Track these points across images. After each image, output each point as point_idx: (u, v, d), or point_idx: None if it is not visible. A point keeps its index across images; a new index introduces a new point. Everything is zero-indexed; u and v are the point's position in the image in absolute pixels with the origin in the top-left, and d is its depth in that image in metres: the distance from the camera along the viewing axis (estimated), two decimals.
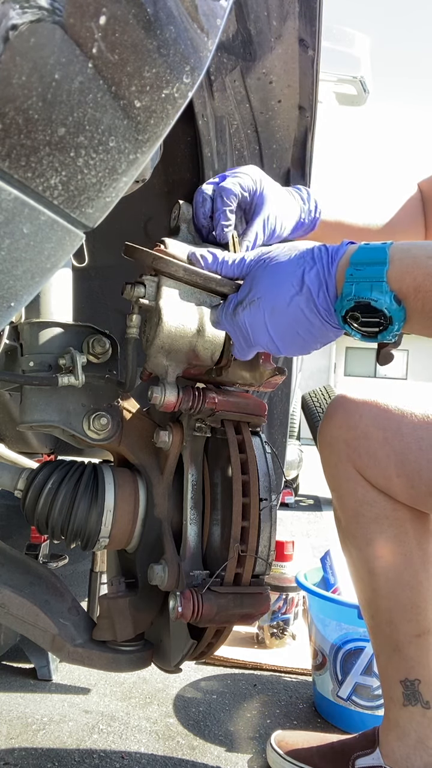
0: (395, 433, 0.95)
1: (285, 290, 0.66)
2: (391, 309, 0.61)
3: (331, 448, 1.01)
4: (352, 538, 1.02)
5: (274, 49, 1.06)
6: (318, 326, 0.66)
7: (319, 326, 0.66)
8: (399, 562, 0.98)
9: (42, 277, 0.48)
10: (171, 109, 0.48)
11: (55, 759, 1.09)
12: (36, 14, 0.38)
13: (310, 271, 0.65)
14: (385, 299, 0.61)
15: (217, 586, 0.75)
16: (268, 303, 0.67)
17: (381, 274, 0.61)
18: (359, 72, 3.70)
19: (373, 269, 0.62)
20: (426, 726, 0.99)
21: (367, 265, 0.62)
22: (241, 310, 0.70)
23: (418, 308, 0.61)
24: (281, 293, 0.66)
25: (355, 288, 0.62)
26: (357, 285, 0.62)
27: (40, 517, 0.81)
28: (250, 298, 0.69)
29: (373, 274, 0.62)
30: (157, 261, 0.72)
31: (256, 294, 0.68)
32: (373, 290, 0.61)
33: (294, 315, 0.66)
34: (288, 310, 0.66)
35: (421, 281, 0.60)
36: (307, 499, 4.76)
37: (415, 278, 0.60)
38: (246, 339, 0.71)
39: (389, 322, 0.62)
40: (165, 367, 0.78)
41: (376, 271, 0.62)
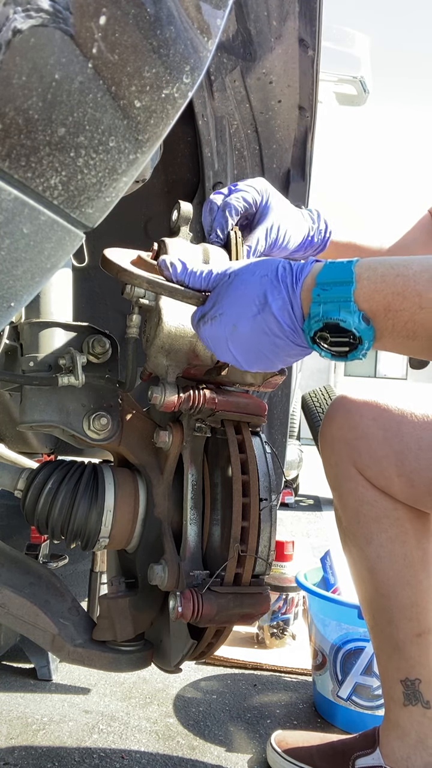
0: (395, 433, 0.95)
1: (247, 309, 0.65)
2: (359, 329, 0.60)
3: (331, 448, 1.01)
4: (353, 537, 1.02)
5: (274, 49, 1.06)
6: (283, 346, 0.65)
7: (284, 346, 0.65)
8: (399, 561, 0.98)
9: (42, 277, 0.48)
10: (171, 109, 0.48)
11: (55, 759, 1.09)
12: (39, 19, 0.38)
13: (272, 290, 0.64)
14: (353, 319, 0.60)
15: (217, 586, 0.75)
16: (230, 320, 0.66)
17: (348, 294, 0.60)
18: (359, 72, 3.70)
19: (340, 289, 0.61)
20: (426, 726, 0.99)
21: (334, 284, 0.61)
22: (202, 324, 0.69)
23: (389, 327, 0.61)
24: (243, 312, 0.65)
25: (322, 309, 0.61)
26: (324, 306, 0.61)
27: (40, 517, 0.81)
28: (212, 313, 0.67)
29: (340, 294, 0.60)
30: (121, 273, 0.71)
31: (218, 310, 0.67)
32: (341, 311, 0.60)
33: (256, 334, 0.65)
34: (250, 329, 0.65)
35: (391, 300, 0.59)
36: (307, 499, 4.76)
37: (384, 297, 0.59)
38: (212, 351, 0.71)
39: (358, 341, 0.61)
40: (165, 367, 0.78)
41: (344, 290, 0.60)
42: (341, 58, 3.60)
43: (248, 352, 0.67)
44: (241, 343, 0.66)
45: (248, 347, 0.66)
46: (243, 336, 0.65)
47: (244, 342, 0.66)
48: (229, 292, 0.67)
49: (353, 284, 0.60)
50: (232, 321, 0.66)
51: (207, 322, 0.68)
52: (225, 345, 0.67)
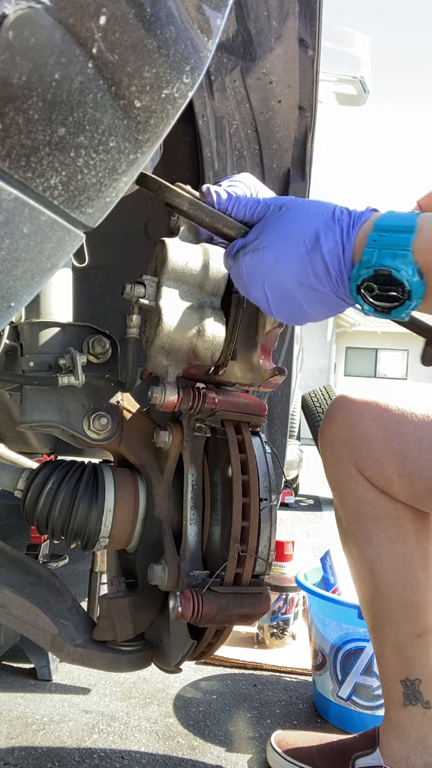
0: (395, 433, 0.95)
1: (295, 245, 0.60)
2: (412, 282, 0.56)
3: (331, 448, 1.01)
4: (353, 537, 1.02)
5: (274, 49, 1.06)
6: (322, 293, 0.61)
7: (324, 293, 0.61)
8: (399, 561, 0.98)
9: (42, 277, 0.48)
10: (171, 109, 0.48)
11: (55, 759, 1.09)
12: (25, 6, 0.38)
13: (327, 231, 0.60)
14: (407, 270, 0.56)
15: (217, 586, 0.75)
16: (273, 254, 0.61)
17: (407, 243, 0.57)
18: (359, 72, 3.70)
19: (399, 236, 0.57)
20: (426, 726, 0.99)
21: (393, 231, 0.58)
22: (242, 254, 0.64)
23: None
24: (290, 246, 0.61)
25: (377, 255, 0.57)
26: (379, 252, 0.57)
27: (40, 517, 0.81)
28: (255, 244, 0.63)
29: (398, 241, 0.57)
30: (162, 190, 0.66)
31: (263, 242, 0.62)
32: (397, 259, 0.56)
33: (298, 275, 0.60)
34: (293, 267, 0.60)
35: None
36: (307, 499, 4.76)
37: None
38: (242, 287, 0.67)
39: (407, 297, 0.57)
40: (165, 367, 0.78)
41: (403, 238, 0.57)
42: (341, 58, 3.60)
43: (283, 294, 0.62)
44: (279, 282, 0.62)
45: (285, 288, 0.62)
46: (284, 273, 0.61)
47: (283, 281, 0.62)
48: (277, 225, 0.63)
49: (414, 233, 0.57)
50: (275, 255, 0.62)
51: (248, 253, 0.64)
52: (261, 280, 0.63)
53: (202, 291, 0.79)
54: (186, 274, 0.78)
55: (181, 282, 0.78)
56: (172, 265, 0.77)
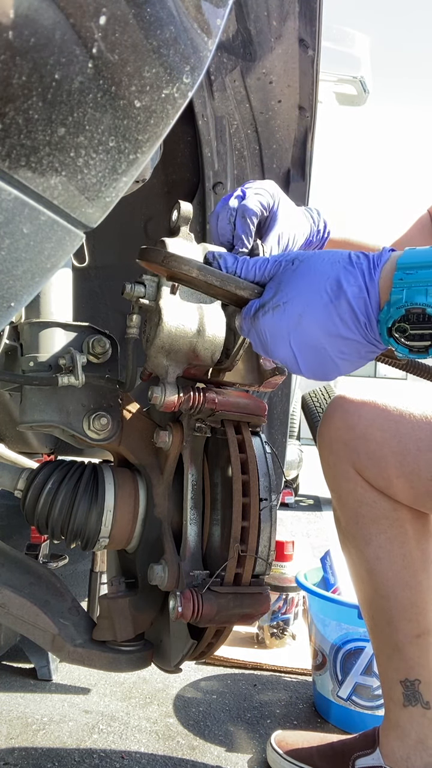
0: (394, 434, 0.95)
1: (317, 296, 0.58)
2: None
3: (330, 449, 1.01)
4: (352, 538, 1.02)
5: (274, 49, 1.06)
6: (352, 341, 0.59)
7: (353, 341, 0.59)
8: (398, 562, 0.98)
9: (42, 277, 0.48)
10: (171, 109, 0.48)
11: (55, 759, 1.09)
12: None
13: (347, 276, 0.58)
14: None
15: (217, 586, 0.75)
16: (296, 309, 0.59)
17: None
18: (359, 72, 3.70)
19: (427, 272, 0.55)
20: (426, 726, 0.99)
21: (419, 268, 0.56)
22: (262, 314, 0.62)
23: None
24: (313, 298, 0.58)
25: (406, 293, 0.55)
26: (408, 290, 0.55)
27: (40, 517, 0.81)
28: (275, 302, 0.61)
29: (427, 277, 0.55)
30: (168, 259, 0.65)
31: (282, 298, 0.60)
32: (429, 295, 0.54)
33: (325, 325, 0.58)
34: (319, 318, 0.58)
35: None
36: (307, 499, 4.76)
37: None
38: (264, 348, 0.64)
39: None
40: (165, 367, 0.78)
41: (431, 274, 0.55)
42: (341, 58, 3.60)
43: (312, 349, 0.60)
44: (306, 337, 0.59)
45: (313, 342, 0.59)
46: (310, 327, 0.59)
47: (310, 335, 0.59)
48: (294, 279, 0.61)
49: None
50: (298, 310, 0.59)
51: (268, 312, 0.61)
52: (286, 339, 0.60)
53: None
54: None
55: None
56: None
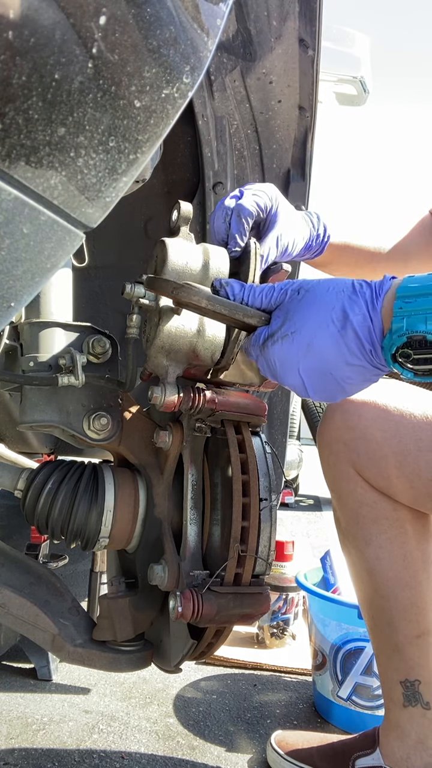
0: (394, 434, 0.95)
1: (324, 325, 0.61)
2: None
3: (330, 449, 1.01)
4: (352, 538, 1.02)
5: (274, 49, 1.06)
6: (358, 367, 0.61)
7: (360, 368, 0.61)
8: (398, 562, 0.98)
9: (42, 277, 0.48)
10: (171, 109, 0.48)
11: (55, 759, 1.09)
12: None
13: (352, 305, 0.60)
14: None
15: (217, 586, 0.75)
16: (304, 338, 0.61)
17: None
18: (359, 72, 3.70)
19: (425, 300, 0.58)
20: (426, 726, 0.99)
21: (417, 296, 0.58)
22: (271, 344, 0.64)
23: None
24: (320, 327, 0.61)
25: (407, 322, 0.57)
26: (408, 318, 0.57)
27: (40, 517, 0.81)
28: (283, 331, 0.63)
29: (426, 305, 0.57)
30: (177, 290, 0.66)
31: (290, 327, 0.62)
32: (428, 322, 0.57)
33: (333, 354, 0.61)
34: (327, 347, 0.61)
35: None
36: (307, 499, 4.76)
37: None
38: (273, 375, 0.67)
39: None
40: (165, 367, 0.78)
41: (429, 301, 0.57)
42: (341, 58, 3.61)
43: (319, 376, 0.62)
44: (315, 365, 0.62)
45: (321, 369, 0.62)
46: (318, 355, 0.61)
47: (319, 363, 0.62)
48: (301, 309, 0.63)
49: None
50: (306, 339, 0.61)
51: (276, 342, 0.64)
52: (295, 367, 0.63)
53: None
54: (186, 274, 0.78)
55: None
56: (172, 265, 0.77)
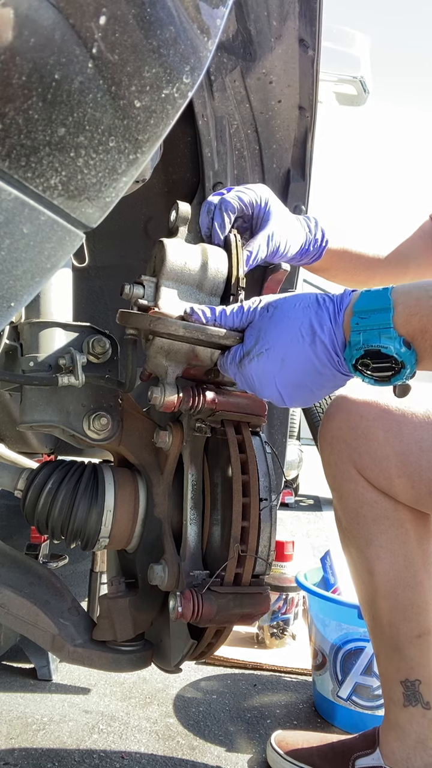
0: (396, 434, 0.95)
1: (295, 340, 0.65)
2: (401, 353, 0.61)
3: (331, 449, 1.01)
4: (353, 538, 1.02)
5: (274, 49, 1.06)
6: (328, 376, 0.66)
7: (329, 376, 0.66)
8: (399, 562, 0.98)
9: (42, 277, 0.48)
10: (171, 109, 0.48)
11: (55, 759, 1.09)
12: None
13: (318, 320, 0.65)
14: (394, 345, 0.60)
15: (217, 586, 0.75)
16: (279, 354, 0.65)
17: (388, 321, 0.61)
18: (359, 72, 3.70)
19: (379, 316, 0.61)
20: (426, 726, 0.99)
21: (372, 312, 0.62)
22: (248, 362, 0.68)
23: (427, 348, 0.61)
24: (292, 343, 0.65)
25: (363, 336, 0.61)
26: (365, 333, 0.61)
27: (40, 517, 0.81)
28: (258, 349, 0.67)
29: (379, 321, 0.61)
30: (154, 324, 0.70)
31: (264, 345, 0.66)
32: (382, 337, 0.61)
33: (305, 365, 0.65)
34: (300, 360, 0.65)
35: (426, 322, 0.60)
36: (307, 499, 4.76)
37: (420, 319, 0.60)
38: (251, 389, 0.70)
39: (401, 366, 0.61)
40: (165, 367, 0.78)
41: (382, 317, 0.61)
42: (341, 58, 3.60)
43: (294, 386, 0.66)
44: (289, 377, 0.66)
45: (295, 381, 0.66)
46: (292, 369, 0.65)
47: (293, 375, 0.65)
48: (272, 327, 0.66)
49: (391, 310, 0.61)
50: (280, 354, 0.65)
51: (253, 359, 0.67)
52: (272, 381, 0.66)
53: (201, 291, 0.79)
54: (185, 275, 0.78)
55: (180, 282, 0.78)
56: (170, 266, 0.77)
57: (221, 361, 0.73)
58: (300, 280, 1.52)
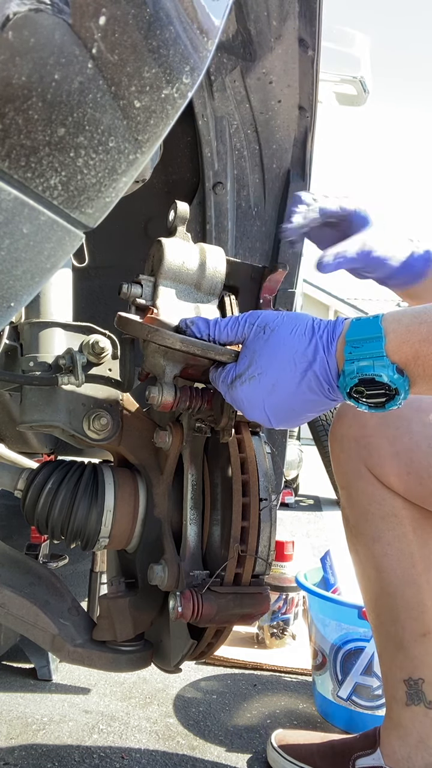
0: (405, 431, 0.95)
1: (288, 366, 0.65)
2: (394, 380, 0.61)
3: (341, 446, 1.01)
4: (360, 535, 1.02)
5: (274, 49, 1.06)
6: (316, 402, 0.66)
7: (318, 402, 0.66)
8: (406, 560, 0.98)
9: (42, 277, 0.48)
10: (171, 109, 0.48)
11: (55, 759, 1.09)
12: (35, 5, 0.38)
13: (312, 350, 0.65)
14: (387, 372, 0.61)
15: (217, 586, 0.75)
16: (269, 380, 0.65)
17: (380, 349, 0.61)
18: (359, 72, 3.70)
19: (371, 345, 0.62)
20: (428, 726, 0.99)
21: (363, 341, 0.62)
22: (239, 384, 0.68)
23: (420, 373, 0.62)
24: (284, 370, 0.65)
25: (356, 366, 0.62)
26: (358, 363, 0.62)
27: (40, 517, 0.81)
28: (250, 373, 0.67)
29: (371, 350, 0.62)
30: (152, 335, 0.70)
31: (256, 369, 0.66)
32: (375, 366, 0.61)
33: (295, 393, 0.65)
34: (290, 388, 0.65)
35: (418, 348, 0.61)
36: (307, 499, 4.76)
37: (411, 346, 0.61)
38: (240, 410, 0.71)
39: (395, 392, 0.62)
40: (162, 367, 0.78)
41: (375, 347, 0.62)
42: (341, 58, 3.60)
43: (283, 411, 0.67)
44: (279, 403, 0.66)
45: (284, 406, 0.66)
46: (282, 395, 0.65)
47: (282, 401, 0.66)
48: (266, 350, 0.67)
49: (383, 339, 0.62)
50: (271, 381, 0.65)
51: (245, 383, 0.67)
52: (261, 405, 0.67)
53: (198, 290, 0.79)
54: (183, 274, 0.78)
55: (178, 282, 0.78)
56: (168, 265, 0.77)
57: (213, 375, 0.73)
58: (300, 280, 1.51)
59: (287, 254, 1.28)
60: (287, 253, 1.28)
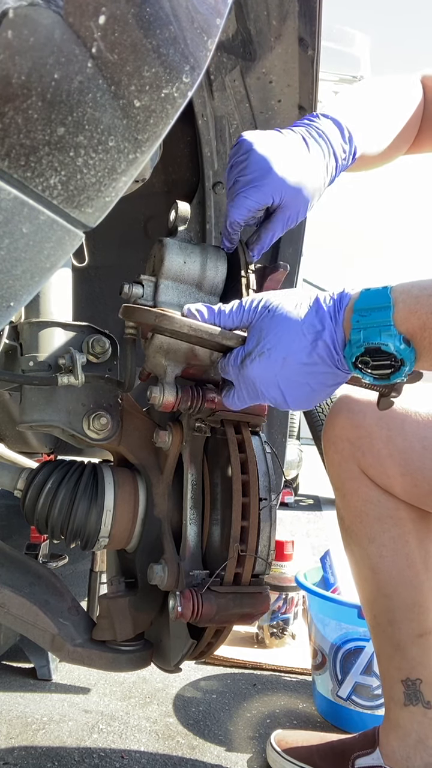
0: (399, 432, 0.95)
1: (297, 340, 0.65)
2: (401, 351, 0.61)
3: (335, 447, 1.01)
4: (356, 536, 1.02)
5: (273, 48, 1.06)
6: (330, 374, 0.66)
7: (331, 374, 0.66)
8: (402, 560, 0.98)
9: (41, 276, 0.48)
10: (170, 108, 0.48)
11: (55, 759, 1.09)
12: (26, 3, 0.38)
13: (319, 319, 0.65)
14: (394, 342, 0.61)
15: (217, 585, 0.75)
16: (280, 353, 0.65)
17: (388, 319, 0.62)
18: (359, 72, 3.70)
19: (379, 314, 0.62)
20: (427, 726, 0.99)
21: (372, 310, 0.63)
22: (250, 362, 0.67)
23: (426, 346, 0.62)
24: (293, 342, 0.65)
25: (363, 334, 0.62)
26: (365, 331, 0.62)
27: (39, 516, 0.81)
28: (259, 349, 0.67)
29: (379, 319, 0.62)
30: (160, 319, 0.69)
31: (266, 345, 0.66)
32: (382, 335, 0.61)
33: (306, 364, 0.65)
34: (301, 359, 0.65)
35: (426, 320, 0.61)
36: (307, 499, 4.76)
37: (419, 317, 0.61)
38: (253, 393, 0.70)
39: (401, 363, 0.62)
40: (164, 366, 0.78)
41: (383, 315, 0.62)
42: (341, 57, 3.60)
43: (296, 386, 0.66)
44: (291, 376, 0.66)
45: (297, 379, 0.66)
46: (294, 368, 0.65)
47: (294, 374, 0.65)
48: (273, 327, 0.66)
49: (391, 308, 0.62)
50: (282, 354, 0.65)
51: (255, 359, 0.67)
52: (274, 380, 0.66)
53: (200, 290, 0.79)
54: (184, 274, 0.78)
55: (179, 281, 0.78)
56: (170, 265, 0.77)
57: (222, 363, 0.72)
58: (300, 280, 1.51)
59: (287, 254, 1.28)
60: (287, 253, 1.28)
